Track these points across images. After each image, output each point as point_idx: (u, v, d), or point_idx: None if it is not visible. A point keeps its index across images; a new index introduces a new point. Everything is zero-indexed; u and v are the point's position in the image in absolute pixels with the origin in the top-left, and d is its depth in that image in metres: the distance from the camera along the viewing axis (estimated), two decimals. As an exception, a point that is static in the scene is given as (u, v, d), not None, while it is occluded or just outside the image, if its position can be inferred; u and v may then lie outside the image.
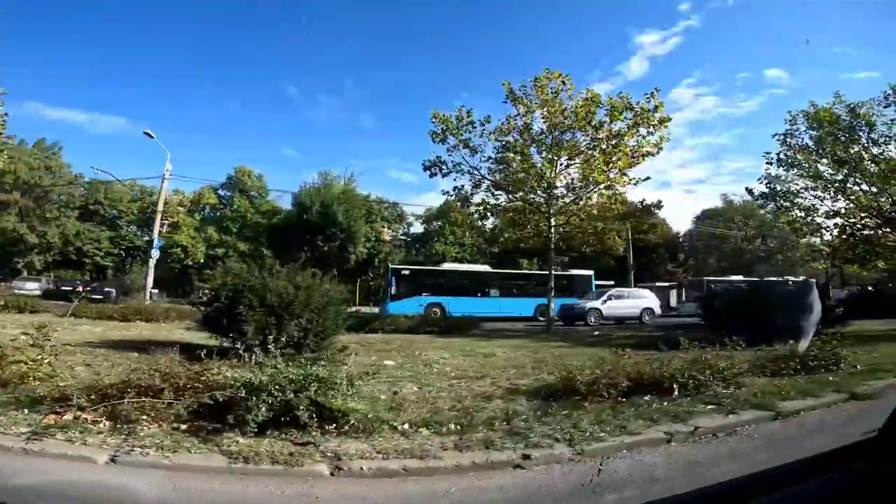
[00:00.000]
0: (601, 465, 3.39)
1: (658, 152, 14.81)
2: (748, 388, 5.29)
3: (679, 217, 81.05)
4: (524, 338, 13.02)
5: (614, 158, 14.38)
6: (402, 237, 46.89)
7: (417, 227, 47.05)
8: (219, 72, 74.66)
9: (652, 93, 14.36)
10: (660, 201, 16.61)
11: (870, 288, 20.97)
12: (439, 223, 44.67)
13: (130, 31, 70.55)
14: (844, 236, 14.39)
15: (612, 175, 14.71)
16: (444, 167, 16.54)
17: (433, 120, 15.99)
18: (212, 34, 74.08)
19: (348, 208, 33.41)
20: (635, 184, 15.27)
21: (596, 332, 14.63)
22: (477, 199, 16.87)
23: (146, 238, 44.80)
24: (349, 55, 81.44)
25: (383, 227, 43.61)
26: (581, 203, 15.98)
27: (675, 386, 5.00)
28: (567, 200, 15.84)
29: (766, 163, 15.84)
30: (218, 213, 46.53)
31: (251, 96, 79.16)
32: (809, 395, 4.98)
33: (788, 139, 15.69)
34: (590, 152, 14.73)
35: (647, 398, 4.82)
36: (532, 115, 15.13)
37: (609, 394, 4.87)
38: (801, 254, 15.65)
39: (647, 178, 15.68)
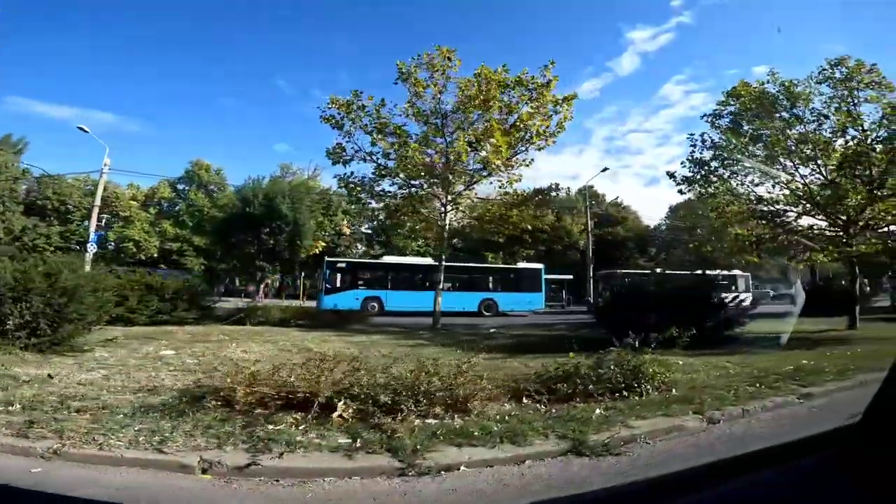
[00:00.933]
0: None
1: (559, 132, 13.30)
2: (466, 420, 3.90)
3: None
4: (395, 335, 11.78)
5: (487, 136, 12.76)
6: (366, 231, 45.34)
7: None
8: (211, 67, 73.40)
9: (546, 66, 12.82)
10: (555, 184, 14.84)
11: (820, 283, 19.42)
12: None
13: (122, 27, 68.85)
14: (767, 224, 12.81)
15: (482, 154, 13.15)
16: (344, 154, 15.06)
17: (330, 105, 14.49)
18: (205, 30, 72.61)
19: (295, 201, 31.93)
20: (528, 164, 13.82)
21: (492, 330, 13.21)
22: (379, 186, 15.37)
23: (100, 233, 43.53)
24: (344, 51, 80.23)
25: (344, 220, 42.04)
26: (466, 191, 14.45)
27: (338, 405, 3.83)
28: (461, 187, 14.32)
29: (691, 145, 14.33)
30: (177, 208, 45.19)
31: (244, 91, 78.09)
32: (514, 440, 3.49)
33: (716, 120, 14.20)
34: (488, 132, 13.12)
35: (297, 416, 3.79)
36: (424, 94, 13.58)
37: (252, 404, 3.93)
38: (728, 245, 14.04)
39: (605, 169, 14.49)
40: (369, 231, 44.89)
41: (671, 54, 79.36)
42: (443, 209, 14.28)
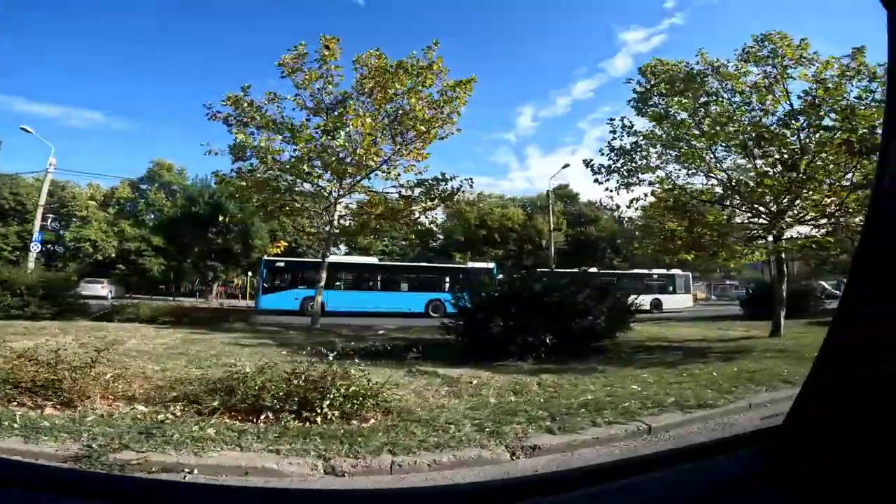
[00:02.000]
0: None
1: (452, 120, 12.27)
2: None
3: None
4: (256, 334, 11.26)
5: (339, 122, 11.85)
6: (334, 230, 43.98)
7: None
8: (203, 67, 71.87)
9: (429, 46, 11.79)
10: (443, 174, 13.74)
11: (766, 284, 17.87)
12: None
13: (112, 24, 67.74)
14: (682, 217, 11.36)
15: (338, 142, 12.17)
16: (246, 152, 14.11)
17: (223, 102, 13.48)
18: (196, 29, 71.34)
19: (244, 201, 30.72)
20: (424, 157, 12.90)
21: (381, 332, 12.13)
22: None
23: (60, 232, 42.50)
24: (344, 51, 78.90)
25: (307, 219, 40.73)
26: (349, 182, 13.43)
27: None
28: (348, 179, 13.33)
29: (611, 131, 12.89)
30: (139, 208, 44.12)
31: (233, 90, 76.53)
32: (26, 435, 3.25)
33: (641, 105, 12.77)
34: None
35: None
36: (310, 86, 12.74)
37: None
38: (653, 243, 12.65)
39: (566, 166, 13.75)
40: (336, 231, 43.51)
41: (663, 56, 78.17)
42: (326, 204, 13.29)
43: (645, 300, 25.93)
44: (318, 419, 3.60)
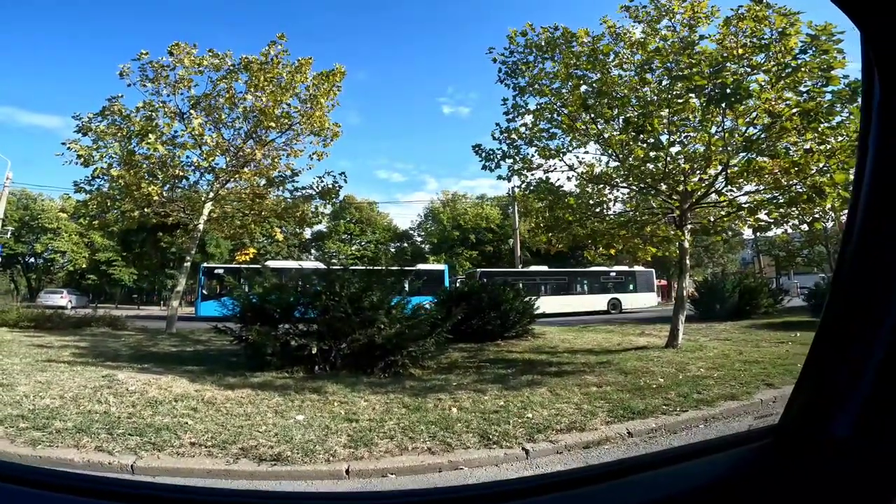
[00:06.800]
0: None
1: (314, 114, 11.48)
2: None
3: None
4: (99, 336, 11.03)
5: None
6: (308, 237, 43.04)
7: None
8: None
9: (273, 41, 11.11)
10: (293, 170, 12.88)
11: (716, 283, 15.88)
12: (341, 220, 41.02)
13: (110, 27, 68.80)
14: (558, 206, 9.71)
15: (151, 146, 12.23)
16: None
17: (91, 115, 13.48)
18: (189, 31, 72.03)
19: (195, 206, 29.96)
20: (294, 154, 13.19)
21: (246, 341, 11.00)
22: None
23: (32, 245, 42.39)
24: (333, 52, 79.30)
25: (279, 227, 39.80)
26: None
27: None
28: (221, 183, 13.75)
29: (504, 113, 11.33)
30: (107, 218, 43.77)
31: None
32: None
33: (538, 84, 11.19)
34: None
35: None
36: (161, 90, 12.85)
37: None
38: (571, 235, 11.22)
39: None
40: (309, 237, 42.63)
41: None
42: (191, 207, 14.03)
43: (601, 300, 24.19)
44: None
